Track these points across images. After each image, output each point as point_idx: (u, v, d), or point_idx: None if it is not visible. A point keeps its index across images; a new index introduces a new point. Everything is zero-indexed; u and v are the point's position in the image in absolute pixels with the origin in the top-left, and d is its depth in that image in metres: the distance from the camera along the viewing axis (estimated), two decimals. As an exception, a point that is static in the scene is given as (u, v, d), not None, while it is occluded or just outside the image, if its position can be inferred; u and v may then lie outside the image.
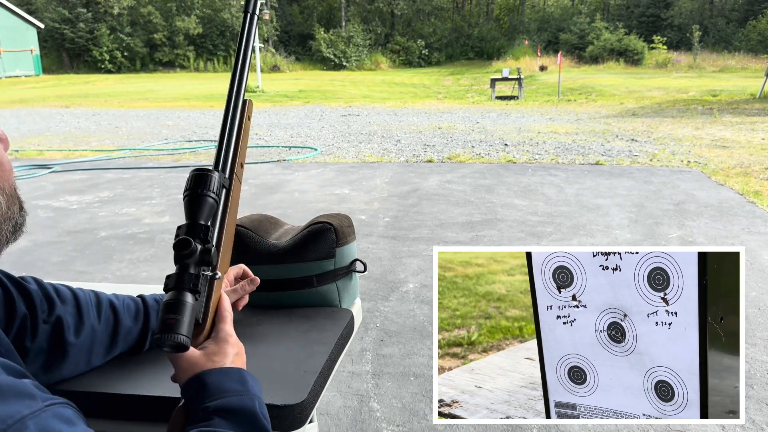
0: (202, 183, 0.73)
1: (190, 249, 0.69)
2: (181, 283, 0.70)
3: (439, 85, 21.90)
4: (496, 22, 39.79)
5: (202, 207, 0.72)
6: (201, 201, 0.72)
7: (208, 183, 0.73)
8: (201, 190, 0.73)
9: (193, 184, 0.74)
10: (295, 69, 32.18)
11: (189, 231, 0.71)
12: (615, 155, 7.25)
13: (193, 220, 0.72)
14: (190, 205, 0.73)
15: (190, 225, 0.72)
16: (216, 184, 0.74)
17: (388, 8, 37.78)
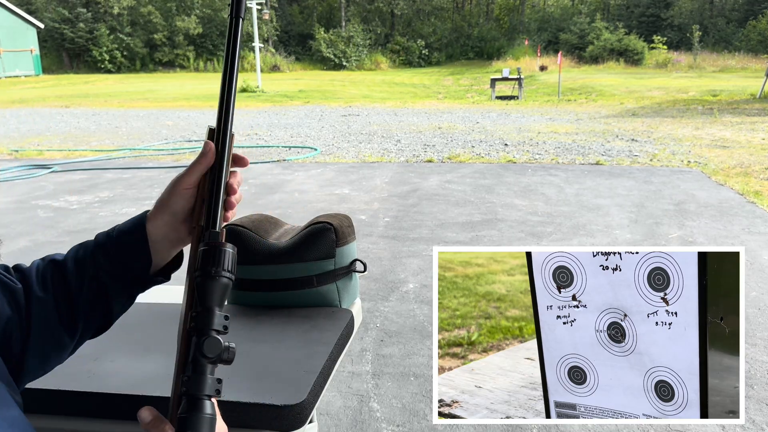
0: (213, 261, 0.62)
1: (220, 351, 0.59)
2: (203, 389, 0.58)
3: (439, 85, 21.89)
4: (496, 22, 39.78)
5: (216, 291, 0.61)
6: (214, 284, 0.61)
7: (221, 260, 0.62)
8: (213, 269, 0.61)
9: (203, 262, 0.62)
10: (295, 69, 32.18)
11: (206, 322, 0.60)
12: (615, 155, 7.25)
13: (209, 307, 0.60)
14: (203, 288, 0.61)
15: (207, 315, 0.60)
16: (231, 261, 0.63)
17: (388, 8, 37.77)
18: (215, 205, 0.68)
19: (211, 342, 0.58)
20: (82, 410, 0.99)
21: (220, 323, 0.60)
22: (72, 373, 1.04)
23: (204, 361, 0.58)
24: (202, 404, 0.57)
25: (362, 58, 33.35)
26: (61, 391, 0.99)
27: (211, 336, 0.59)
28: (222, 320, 0.61)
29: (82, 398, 0.99)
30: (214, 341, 0.59)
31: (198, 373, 0.58)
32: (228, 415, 0.95)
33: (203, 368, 0.58)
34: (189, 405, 0.57)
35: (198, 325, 0.59)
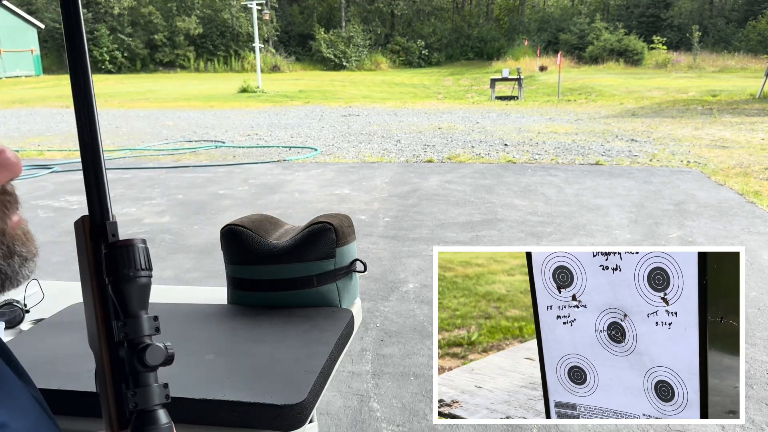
0: (126, 262, 0.55)
1: (164, 357, 0.55)
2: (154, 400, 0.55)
3: (439, 85, 21.90)
4: (496, 22, 39.78)
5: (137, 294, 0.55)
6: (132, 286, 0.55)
7: (135, 259, 0.55)
8: (129, 271, 0.55)
9: (113, 264, 0.55)
10: (296, 69, 32.18)
11: (138, 331, 0.55)
12: (615, 155, 7.25)
13: (135, 314, 0.55)
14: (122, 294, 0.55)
15: (136, 323, 0.55)
16: (145, 257, 0.56)
17: (388, 8, 37.77)
18: (99, 191, 0.57)
19: (153, 350, 0.54)
20: (82, 410, 0.99)
21: (151, 327, 0.56)
22: (72, 373, 1.04)
23: (147, 371, 0.54)
24: (157, 415, 0.54)
25: (362, 58, 33.35)
26: (61, 391, 0.99)
27: (151, 344, 0.54)
28: (152, 323, 0.56)
29: (82, 398, 0.99)
30: (155, 349, 0.54)
31: (143, 385, 0.54)
32: (228, 414, 0.95)
33: (147, 379, 0.54)
34: (143, 419, 0.54)
35: (129, 336, 0.54)
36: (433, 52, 35.17)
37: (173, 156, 7.88)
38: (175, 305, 1.35)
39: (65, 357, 1.10)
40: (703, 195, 5.25)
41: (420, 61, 34.37)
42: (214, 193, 5.71)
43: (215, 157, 7.80)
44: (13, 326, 1.31)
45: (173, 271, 3.65)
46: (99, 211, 0.57)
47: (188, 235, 4.35)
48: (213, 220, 4.74)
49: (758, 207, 4.84)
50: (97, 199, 0.57)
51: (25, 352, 1.13)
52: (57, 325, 1.25)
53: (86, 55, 0.59)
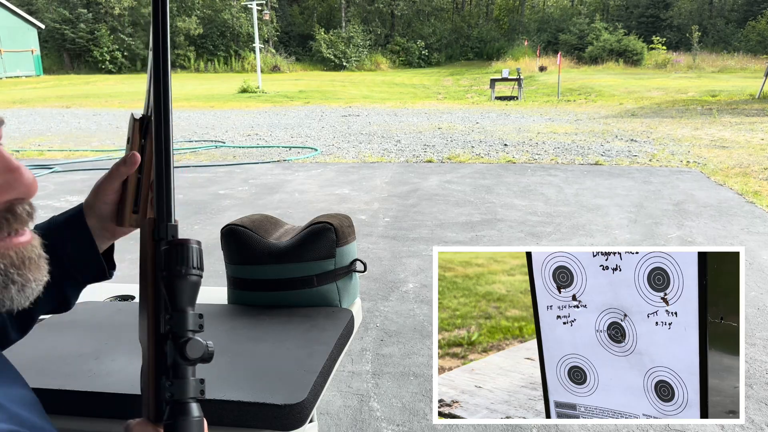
0: (180, 259, 0.58)
1: (202, 352, 0.57)
2: (188, 392, 0.57)
3: (438, 85, 21.90)
4: (495, 22, 39.78)
5: (187, 290, 0.59)
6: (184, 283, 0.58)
7: (189, 258, 0.59)
8: (182, 268, 0.58)
9: (168, 260, 0.59)
10: (296, 69, 32.19)
11: (182, 325, 0.57)
12: (614, 155, 7.25)
13: (182, 309, 0.58)
14: (173, 289, 0.58)
15: (181, 317, 0.57)
16: (198, 257, 0.60)
17: (388, 9, 37.78)
18: (167, 196, 0.63)
19: (194, 344, 0.56)
20: (82, 410, 0.99)
21: (195, 323, 0.58)
22: (72, 373, 1.04)
23: (186, 364, 0.57)
24: (189, 408, 0.56)
25: (362, 58, 33.36)
26: (61, 391, 0.99)
27: (192, 338, 0.57)
28: (197, 320, 0.59)
29: (82, 398, 0.99)
30: (196, 343, 0.57)
31: (180, 377, 0.56)
32: (228, 414, 0.95)
33: (185, 371, 0.57)
34: (176, 410, 0.56)
35: (174, 328, 0.57)
36: (433, 52, 35.18)
37: (173, 156, 7.87)
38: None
39: (65, 357, 1.10)
40: (702, 195, 5.25)
41: (420, 62, 34.38)
42: (214, 193, 5.71)
43: (215, 157, 7.80)
44: (13, 326, 1.31)
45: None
46: (165, 213, 0.62)
47: (188, 235, 4.35)
48: (213, 220, 4.75)
49: (758, 207, 4.84)
50: (164, 203, 0.62)
51: (25, 352, 1.13)
52: (57, 325, 1.25)
53: (169, 67, 0.65)
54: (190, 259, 0.59)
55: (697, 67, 24.41)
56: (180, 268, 0.58)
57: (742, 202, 5.00)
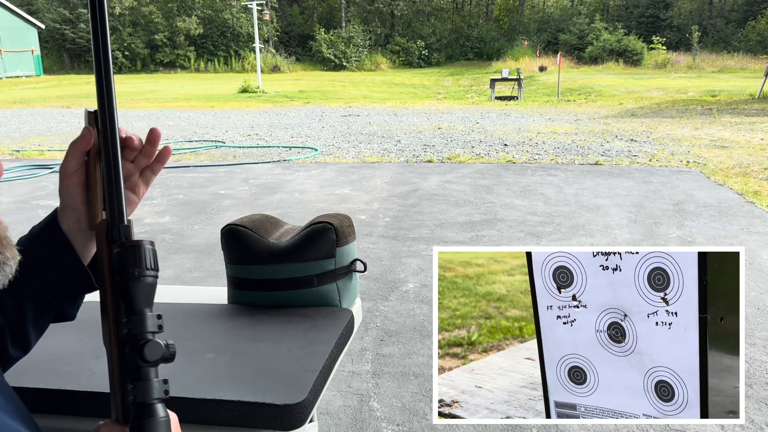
0: (134, 261, 0.58)
1: (162, 353, 0.57)
2: (152, 394, 0.57)
3: (438, 85, 21.90)
4: (495, 22, 39.79)
5: (142, 292, 0.58)
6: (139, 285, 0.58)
7: (142, 259, 0.58)
8: (135, 270, 0.58)
9: (122, 263, 0.58)
10: (296, 69, 32.19)
11: (140, 327, 0.57)
12: (614, 155, 7.26)
13: (139, 311, 0.58)
14: (128, 292, 0.58)
15: (139, 320, 0.57)
16: (152, 258, 0.59)
17: (388, 9, 37.78)
18: (117, 196, 0.61)
19: (152, 346, 0.56)
20: (82, 410, 0.99)
21: (154, 324, 0.58)
22: (72, 373, 1.04)
23: (147, 366, 0.57)
24: (154, 408, 0.57)
25: (362, 58, 33.36)
26: (61, 391, 0.99)
27: (150, 340, 0.57)
28: (155, 321, 0.58)
29: (82, 398, 0.99)
30: (154, 345, 0.57)
31: (144, 379, 0.57)
32: (228, 414, 0.95)
33: (147, 373, 0.57)
34: (141, 412, 0.56)
35: (132, 332, 0.57)
36: (433, 52, 35.18)
37: (173, 156, 7.88)
38: (175, 305, 1.35)
39: (65, 357, 1.10)
40: (702, 195, 5.25)
41: (420, 62, 34.38)
42: (214, 193, 5.71)
43: (216, 157, 7.80)
44: (13, 326, 1.31)
45: (174, 270, 3.65)
46: (117, 214, 0.61)
47: (189, 235, 4.35)
48: (213, 219, 4.75)
49: (757, 207, 4.84)
50: (115, 204, 0.61)
51: (25, 351, 1.13)
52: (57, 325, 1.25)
53: (110, 67, 0.64)
54: (144, 260, 0.58)
55: (697, 67, 24.41)
56: (134, 270, 0.58)
57: (742, 202, 5.00)
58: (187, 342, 1.14)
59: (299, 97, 17.04)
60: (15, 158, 7.85)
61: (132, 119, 12.33)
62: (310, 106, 14.77)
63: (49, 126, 11.47)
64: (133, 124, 11.45)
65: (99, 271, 0.61)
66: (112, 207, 0.61)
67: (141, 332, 0.57)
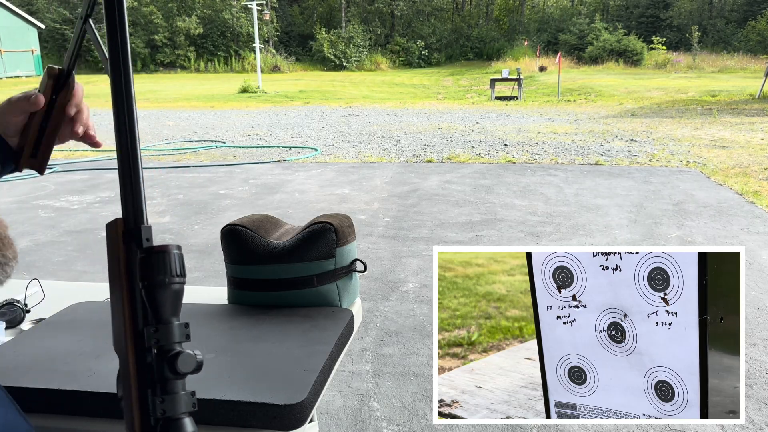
0: (161, 268, 0.55)
1: (195, 365, 0.55)
2: (181, 408, 0.55)
3: (438, 85, 21.90)
4: (495, 22, 39.78)
5: (170, 300, 0.55)
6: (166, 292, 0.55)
7: (170, 266, 0.55)
8: (165, 277, 0.55)
9: (148, 269, 0.55)
10: (296, 69, 32.18)
11: (169, 338, 0.55)
12: (614, 155, 7.26)
13: (167, 320, 0.55)
14: (155, 300, 0.55)
15: (168, 330, 0.55)
16: (180, 264, 0.56)
17: (388, 9, 37.78)
18: (136, 196, 0.57)
19: (185, 358, 0.53)
20: (82, 410, 0.99)
21: (182, 334, 0.55)
22: (72, 373, 1.04)
23: (177, 378, 0.54)
24: (183, 423, 0.54)
25: (362, 58, 33.36)
26: (61, 391, 0.99)
27: (183, 352, 0.54)
28: (183, 330, 0.55)
29: (82, 398, 0.99)
30: (187, 357, 0.54)
31: (173, 393, 0.54)
32: (228, 414, 0.95)
33: (176, 386, 0.54)
34: (169, 428, 0.53)
35: (161, 342, 0.54)
36: (433, 52, 35.17)
37: (174, 156, 7.88)
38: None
39: (65, 357, 1.10)
40: (702, 195, 5.25)
41: (420, 62, 34.37)
42: (214, 193, 5.71)
43: (216, 157, 7.80)
44: (13, 326, 1.31)
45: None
46: (133, 214, 0.57)
47: (189, 235, 4.35)
48: (213, 220, 4.75)
49: (757, 207, 4.84)
50: (132, 203, 0.57)
51: (25, 351, 1.13)
52: (57, 325, 1.25)
53: (129, 58, 0.60)
54: (172, 266, 0.55)
55: (697, 67, 24.40)
56: (162, 277, 0.55)
57: (742, 202, 5.00)
58: (187, 342, 1.14)
59: (299, 97, 17.04)
60: (15, 158, 7.85)
61: (132, 119, 12.32)
62: (310, 106, 14.77)
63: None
64: (133, 124, 11.44)
65: (114, 275, 0.57)
66: (132, 206, 0.57)
67: (170, 343, 0.54)
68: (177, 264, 0.56)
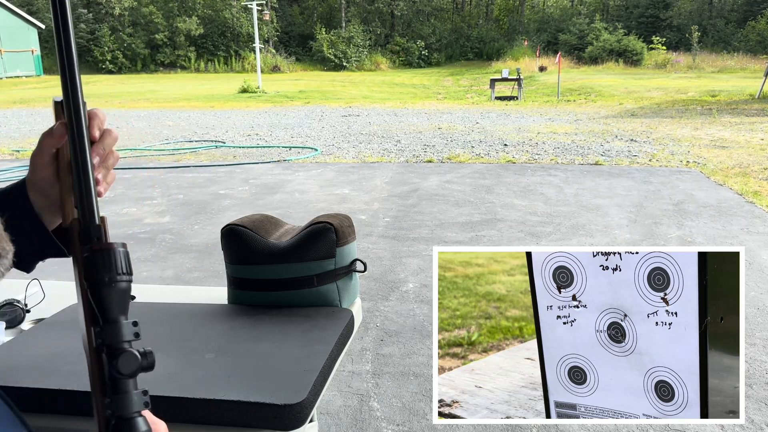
0: (105, 266, 0.54)
1: (138, 365, 0.53)
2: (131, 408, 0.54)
3: (438, 85, 21.90)
4: (495, 22, 39.78)
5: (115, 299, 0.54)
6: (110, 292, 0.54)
7: (114, 264, 0.54)
8: (107, 276, 0.54)
9: (92, 269, 0.54)
10: (296, 69, 32.18)
11: (114, 337, 0.53)
12: (614, 155, 7.26)
13: (113, 319, 0.53)
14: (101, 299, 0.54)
15: (113, 329, 0.53)
16: (125, 262, 0.55)
17: (388, 9, 37.77)
18: (87, 193, 0.56)
19: (126, 358, 0.52)
20: (82, 410, 0.99)
21: (129, 333, 0.54)
22: (72, 373, 1.04)
23: (123, 378, 0.53)
24: (135, 423, 0.53)
25: (362, 58, 33.36)
26: (61, 391, 0.99)
27: (124, 351, 0.53)
28: (130, 329, 0.54)
29: (82, 398, 0.99)
30: (129, 356, 0.52)
31: (121, 392, 0.53)
32: (228, 414, 0.95)
33: (125, 386, 0.53)
34: (121, 427, 0.53)
35: (106, 342, 0.53)
36: (433, 52, 35.17)
37: (174, 156, 7.88)
38: (175, 305, 1.35)
39: (65, 357, 1.10)
40: (702, 195, 5.25)
41: (420, 62, 34.37)
42: (214, 193, 5.71)
43: (216, 157, 7.80)
44: (13, 326, 1.31)
45: (174, 270, 3.65)
46: (83, 213, 0.56)
47: (189, 235, 4.35)
48: (213, 220, 4.75)
49: (757, 207, 4.84)
50: (85, 202, 0.56)
51: (25, 351, 1.13)
52: (57, 325, 1.25)
53: (74, 54, 0.59)
54: (116, 265, 0.54)
55: (696, 67, 24.40)
56: (104, 275, 0.54)
57: (742, 202, 5.00)
58: (187, 342, 1.14)
59: (299, 97, 17.04)
60: (15, 158, 7.85)
61: (132, 119, 12.33)
62: (310, 106, 14.77)
63: (49, 126, 11.45)
64: (133, 124, 11.44)
65: (76, 275, 0.56)
66: (83, 205, 0.57)
67: (115, 342, 0.53)
68: (122, 262, 0.55)
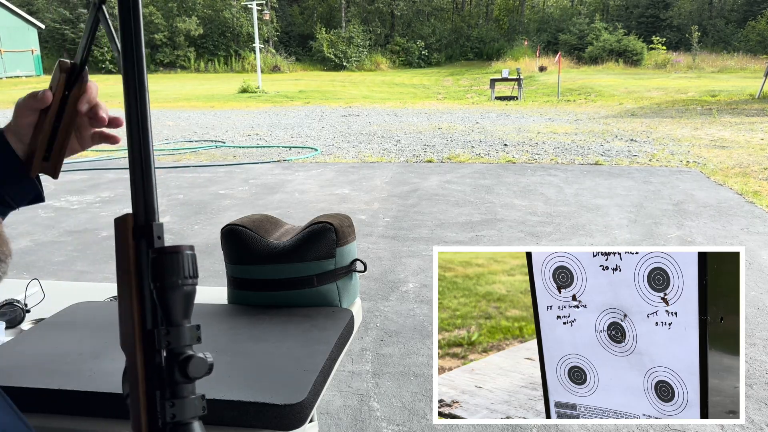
0: (173, 269, 0.54)
1: (207, 369, 0.54)
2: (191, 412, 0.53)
3: (438, 85, 21.90)
4: (495, 22, 39.77)
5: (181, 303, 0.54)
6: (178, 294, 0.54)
7: (182, 267, 0.54)
8: (177, 279, 0.54)
9: (159, 270, 0.54)
10: (296, 69, 32.18)
11: (181, 341, 0.53)
12: (614, 155, 7.26)
13: (178, 323, 0.53)
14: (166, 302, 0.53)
15: (179, 333, 0.53)
16: (192, 265, 0.55)
17: (388, 9, 37.77)
18: (147, 192, 0.56)
19: (197, 362, 0.52)
20: (82, 410, 0.99)
21: (193, 337, 0.54)
22: (73, 373, 1.04)
23: (187, 382, 0.53)
24: (192, 428, 0.53)
25: (362, 58, 33.36)
26: (61, 391, 0.99)
27: (195, 356, 0.53)
28: (194, 332, 0.54)
29: (82, 398, 0.99)
30: (199, 361, 0.52)
31: (183, 397, 0.52)
32: (228, 414, 0.95)
33: (187, 390, 0.53)
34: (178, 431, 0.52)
35: (172, 345, 0.53)
36: (433, 52, 35.17)
37: (174, 156, 7.88)
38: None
39: (65, 356, 1.10)
40: (702, 195, 5.25)
41: (420, 62, 34.37)
42: (214, 193, 5.71)
43: (216, 157, 7.80)
44: (13, 326, 1.31)
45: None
46: (144, 211, 0.56)
47: (189, 235, 4.35)
48: (213, 219, 4.75)
49: (757, 207, 4.85)
50: (143, 199, 0.56)
51: (25, 351, 1.13)
52: (57, 325, 1.25)
53: (142, 48, 0.58)
54: (184, 268, 0.54)
55: (696, 67, 24.41)
56: (174, 279, 0.53)
57: (742, 202, 5.00)
58: (187, 342, 1.14)
59: (299, 97, 17.04)
60: (15, 158, 7.85)
61: (132, 119, 12.33)
62: (310, 106, 14.76)
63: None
64: (133, 124, 11.45)
65: (123, 274, 0.56)
66: (140, 202, 0.56)
67: (181, 346, 0.53)
68: (190, 265, 0.55)
